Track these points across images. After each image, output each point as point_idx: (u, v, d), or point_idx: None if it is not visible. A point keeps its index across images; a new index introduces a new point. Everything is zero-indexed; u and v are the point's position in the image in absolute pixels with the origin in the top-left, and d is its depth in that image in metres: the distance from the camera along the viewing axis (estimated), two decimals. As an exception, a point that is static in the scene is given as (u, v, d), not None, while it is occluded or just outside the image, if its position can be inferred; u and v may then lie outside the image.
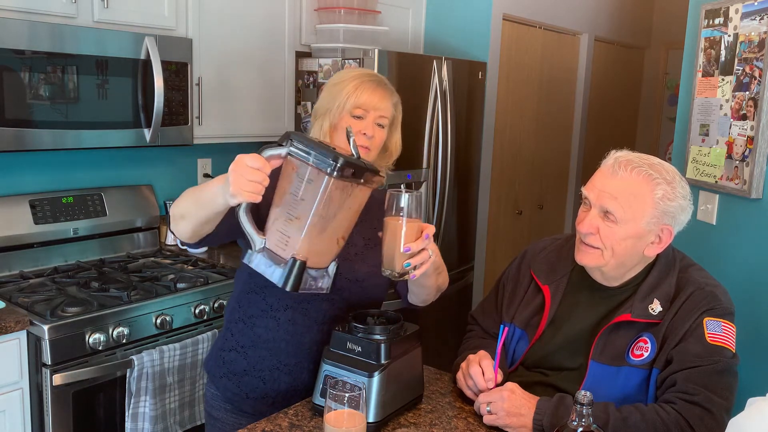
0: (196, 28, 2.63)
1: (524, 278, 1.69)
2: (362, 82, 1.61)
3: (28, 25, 2.11)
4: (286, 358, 1.59)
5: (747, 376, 2.09)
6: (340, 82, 1.63)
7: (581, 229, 1.49)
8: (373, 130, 1.60)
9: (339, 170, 1.26)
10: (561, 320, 1.58)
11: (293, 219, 1.33)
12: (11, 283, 2.34)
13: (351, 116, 1.59)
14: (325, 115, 1.63)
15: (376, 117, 1.60)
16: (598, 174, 1.51)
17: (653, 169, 1.45)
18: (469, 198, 3.55)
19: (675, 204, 1.45)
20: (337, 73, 1.70)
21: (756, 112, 2.29)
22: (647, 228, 1.46)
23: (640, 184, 1.44)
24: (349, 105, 1.59)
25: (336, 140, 1.60)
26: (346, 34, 3.03)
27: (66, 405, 2.07)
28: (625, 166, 1.45)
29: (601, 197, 1.46)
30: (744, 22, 2.36)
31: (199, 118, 2.67)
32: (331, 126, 1.61)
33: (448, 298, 3.41)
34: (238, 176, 1.25)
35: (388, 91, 1.64)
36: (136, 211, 2.81)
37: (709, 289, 1.48)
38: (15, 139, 2.12)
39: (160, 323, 2.27)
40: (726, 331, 1.44)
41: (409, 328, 1.52)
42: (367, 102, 1.59)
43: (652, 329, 1.47)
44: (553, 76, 4.35)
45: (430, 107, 3.12)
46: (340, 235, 1.39)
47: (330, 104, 1.61)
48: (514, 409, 1.42)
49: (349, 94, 1.59)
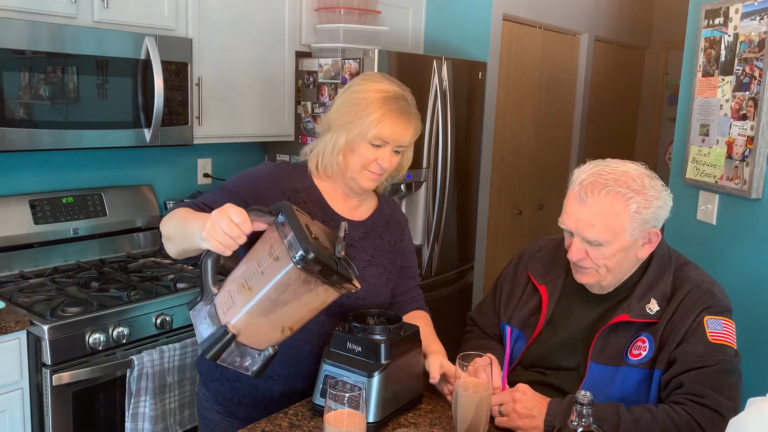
0: (196, 28, 2.63)
1: (521, 279, 1.69)
2: (387, 112, 1.53)
3: (28, 25, 2.11)
4: (280, 369, 1.58)
5: (747, 376, 2.08)
6: (362, 103, 1.54)
7: (571, 257, 1.50)
8: (390, 161, 1.56)
9: (305, 262, 1.20)
10: (558, 320, 1.58)
11: (246, 288, 1.27)
12: (11, 283, 2.34)
13: (370, 144, 1.54)
14: (341, 131, 1.56)
15: (394, 146, 1.56)
16: (569, 200, 1.49)
17: (619, 184, 1.42)
18: (469, 198, 3.55)
19: (651, 210, 1.44)
20: (357, 85, 1.59)
21: (756, 112, 2.29)
22: (632, 238, 1.45)
23: (612, 204, 1.42)
24: (370, 135, 1.53)
25: (350, 161, 1.57)
26: (346, 34, 3.03)
27: (66, 405, 2.07)
28: (591, 189, 1.43)
29: (578, 228, 1.46)
30: (744, 22, 2.36)
31: (199, 118, 2.67)
32: (347, 146, 1.56)
33: (448, 298, 3.41)
34: (216, 223, 1.23)
35: (412, 120, 1.57)
36: (136, 211, 2.81)
37: (706, 287, 1.48)
38: (15, 139, 2.12)
39: (160, 323, 2.27)
40: (726, 328, 1.44)
41: (409, 328, 1.52)
42: (390, 135, 1.54)
43: (650, 329, 1.47)
44: (553, 76, 4.35)
45: (430, 107, 3.12)
46: (288, 325, 1.31)
47: (349, 124, 1.55)
48: (525, 411, 1.41)
49: (371, 125, 1.52)
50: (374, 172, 1.57)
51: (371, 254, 1.66)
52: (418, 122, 1.60)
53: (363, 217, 1.68)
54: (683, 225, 2.64)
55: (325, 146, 1.59)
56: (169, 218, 1.45)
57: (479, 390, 1.35)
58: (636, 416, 1.37)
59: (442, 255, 3.33)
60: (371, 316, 1.52)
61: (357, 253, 1.63)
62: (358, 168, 1.57)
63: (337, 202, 1.64)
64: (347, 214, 1.65)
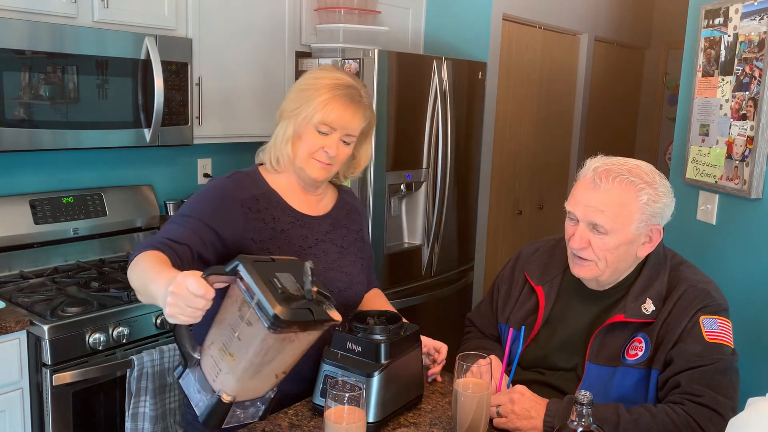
0: (196, 28, 2.63)
1: (518, 280, 1.70)
2: (334, 96, 1.51)
3: (28, 25, 2.11)
4: None
5: (747, 376, 2.09)
6: (311, 88, 1.53)
7: (573, 245, 1.49)
8: (336, 149, 1.54)
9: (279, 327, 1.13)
10: (555, 321, 1.59)
11: (227, 354, 1.20)
12: (11, 283, 2.34)
13: (316, 131, 1.53)
14: (290, 119, 1.56)
15: (342, 135, 1.54)
16: (578, 187, 1.50)
17: (633, 174, 1.45)
18: (469, 198, 3.55)
19: (660, 204, 1.46)
20: (310, 74, 1.58)
21: (756, 112, 2.29)
22: (637, 232, 1.46)
23: (624, 192, 1.44)
24: (315, 120, 1.52)
25: (298, 148, 1.56)
26: (346, 34, 3.03)
27: (66, 405, 2.07)
28: (606, 176, 1.45)
29: (587, 212, 1.46)
30: (744, 22, 2.36)
31: (199, 118, 2.67)
32: (295, 134, 1.56)
33: (448, 298, 3.41)
34: (176, 299, 1.14)
35: (360, 108, 1.55)
36: (136, 211, 2.81)
37: (701, 286, 1.49)
38: (15, 139, 2.12)
39: (160, 323, 2.27)
40: (723, 327, 1.45)
41: (409, 328, 1.52)
42: (335, 121, 1.52)
43: (646, 329, 1.47)
44: (553, 76, 4.35)
45: (430, 107, 3.11)
46: (281, 371, 1.27)
47: (297, 110, 1.54)
48: (523, 412, 1.41)
49: (317, 108, 1.51)
50: (321, 161, 1.55)
51: (341, 245, 1.67)
52: (368, 112, 1.57)
53: (326, 210, 1.68)
54: (683, 225, 2.64)
55: (276, 137, 1.59)
56: (133, 267, 1.37)
57: (479, 390, 1.35)
58: (635, 416, 1.37)
59: (442, 255, 3.33)
60: (371, 316, 1.52)
61: (328, 246, 1.64)
62: (305, 156, 1.55)
63: (298, 199, 1.63)
64: (310, 210, 1.64)
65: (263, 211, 1.56)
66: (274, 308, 1.12)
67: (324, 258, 1.63)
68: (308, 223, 1.63)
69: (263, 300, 1.14)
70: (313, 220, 1.64)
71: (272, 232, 1.56)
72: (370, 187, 2.94)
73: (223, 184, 1.58)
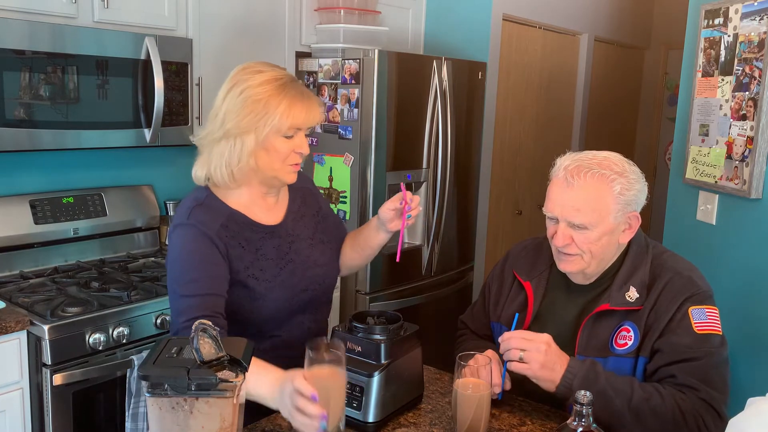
0: (196, 28, 2.63)
1: (507, 278, 1.73)
2: (291, 98, 1.49)
3: (28, 25, 2.11)
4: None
5: (747, 376, 2.09)
6: (262, 96, 1.48)
7: (557, 243, 1.53)
8: (306, 146, 1.56)
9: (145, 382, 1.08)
10: (545, 315, 1.62)
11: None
12: (11, 283, 2.34)
13: (284, 137, 1.51)
14: (246, 134, 1.49)
15: (305, 131, 1.56)
16: (552, 188, 1.54)
17: (603, 167, 1.48)
18: (469, 198, 3.55)
19: (633, 192, 1.50)
20: (245, 80, 1.51)
21: (756, 112, 2.29)
22: (616, 222, 1.50)
23: (597, 186, 1.47)
24: (285, 127, 1.49)
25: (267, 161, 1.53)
26: (346, 34, 3.03)
27: (66, 405, 2.07)
28: (577, 173, 1.48)
29: (564, 212, 1.50)
30: (744, 23, 2.36)
31: (199, 118, 2.67)
32: (259, 146, 1.51)
33: (448, 298, 3.42)
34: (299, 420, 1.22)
35: (312, 98, 1.56)
36: (136, 211, 2.81)
37: (686, 274, 1.52)
38: (15, 139, 2.12)
39: (160, 323, 2.27)
40: (711, 316, 1.48)
41: (409, 328, 1.52)
42: (303, 121, 1.52)
43: (633, 317, 1.50)
44: (553, 76, 4.35)
45: (430, 107, 3.12)
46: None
47: (256, 123, 1.48)
48: (549, 363, 1.42)
49: (282, 115, 1.48)
50: (296, 164, 1.56)
51: (308, 235, 1.68)
52: (316, 97, 1.60)
53: (284, 208, 1.69)
54: (683, 225, 2.64)
55: (228, 156, 1.52)
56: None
57: (479, 390, 1.35)
58: (647, 395, 1.40)
59: (442, 255, 3.33)
60: (371, 316, 1.52)
61: (299, 245, 1.66)
62: (278, 165, 1.54)
63: (260, 212, 1.62)
64: (272, 219, 1.64)
65: (236, 236, 1.56)
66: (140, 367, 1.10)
67: (300, 259, 1.65)
68: (275, 231, 1.63)
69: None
70: (279, 227, 1.64)
71: (252, 255, 1.57)
72: (370, 187, 2.94)
73: (192, 234, 1.52)
